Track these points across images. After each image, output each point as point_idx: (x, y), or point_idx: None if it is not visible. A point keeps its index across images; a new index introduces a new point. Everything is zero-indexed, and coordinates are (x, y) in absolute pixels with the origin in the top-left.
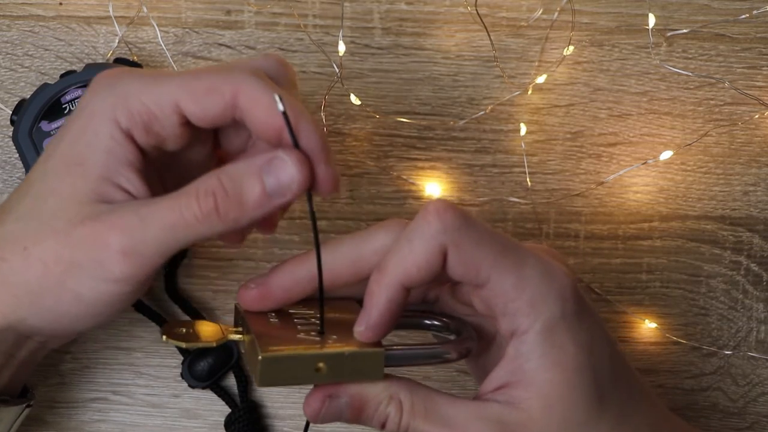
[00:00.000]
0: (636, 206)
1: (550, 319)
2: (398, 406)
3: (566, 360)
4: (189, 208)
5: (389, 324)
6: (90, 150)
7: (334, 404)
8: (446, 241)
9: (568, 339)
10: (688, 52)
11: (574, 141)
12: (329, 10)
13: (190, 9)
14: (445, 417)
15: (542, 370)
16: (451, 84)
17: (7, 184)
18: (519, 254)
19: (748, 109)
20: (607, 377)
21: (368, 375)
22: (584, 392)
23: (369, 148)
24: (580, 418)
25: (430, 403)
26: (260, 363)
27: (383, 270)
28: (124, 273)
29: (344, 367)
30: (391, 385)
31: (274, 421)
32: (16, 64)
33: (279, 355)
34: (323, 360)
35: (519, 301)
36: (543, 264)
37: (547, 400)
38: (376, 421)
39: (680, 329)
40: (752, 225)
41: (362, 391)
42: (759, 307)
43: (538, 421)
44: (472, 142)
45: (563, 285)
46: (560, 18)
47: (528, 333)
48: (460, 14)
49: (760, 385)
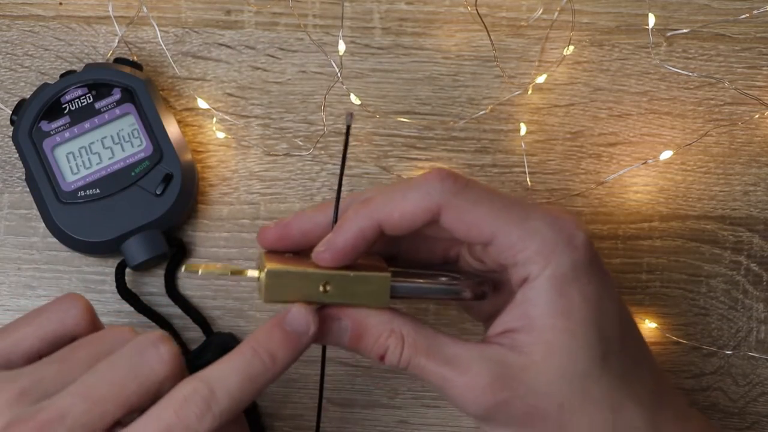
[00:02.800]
0: (636, 206)
1: (559, 266)
2: (400, 340)
3: (572, 310)
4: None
5: (350, 255)
6: None
7: (335, 326)
8: (441, 201)
9: (576, 290)
10: (688, 52)
11: (574, 141)
12: (329, 10)
13: (190, 9)
14: (448, 355)
15: (547, 317)
16: (451, 84)
17: (7, 184)
18: (523, 208)
19: (748, 109)
20: (613, 338)
21: (373, 301)
22: (587, 345)
23: (369, 148)
24: (580, 370)
25: (432, 340)
26: (266, 275)
27: (367, 203)
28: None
29: (349, 288)
30: (395, 318)
31: (274, 421)
32: (16, 64)
33: (284, 269)
34: (328, 279)
35: (527, 251)
36: (550, 215)
37: (550, 346)
38: (374, 351)
39: (680, 329)
40: (752, 225)
41: (364, 318)
42: (759, 307)
43: (539, 365)
44: (472, 142)
45: (573, 234)
46: (560, 18)
47: (537, 279)
48: (460, 14)
49: (760, 385)
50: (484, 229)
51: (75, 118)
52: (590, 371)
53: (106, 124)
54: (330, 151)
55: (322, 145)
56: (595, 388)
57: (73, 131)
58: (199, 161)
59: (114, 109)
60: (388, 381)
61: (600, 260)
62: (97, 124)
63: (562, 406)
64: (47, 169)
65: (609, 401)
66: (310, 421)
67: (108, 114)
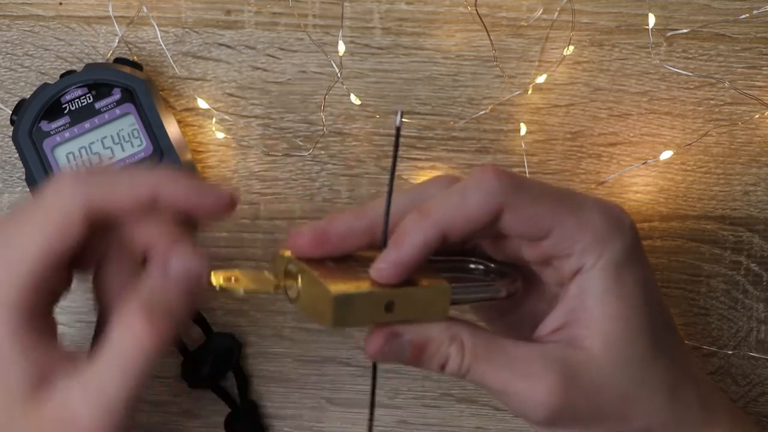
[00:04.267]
0: (636, 206)
1: (615, 252)
2: (460, 346)
3: (627, 295)
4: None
5: (414, 268)
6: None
7: (396, 343)
8: (503, 201)
9: (629, 275)
10: (688, 52)
11: (574, 141)
12: (329, 10)
13: (190, 9)
14: (507, 358)
15: (604, 305)
16: (451, 84)
17: (7, 184)
18: (576, 199)
19: (748, 109)
20: (659, 322)
21: (434, 314)
22: (641, 330)
23: (369, 148)
24: (638, 357)
25: (491, 344)
26: (333, 302)
27: (426, 212)
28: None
29: (413, 305)
30: (453, 325)
31: (274, 421)
32: (16, 64)
33: (351, 293)
34: (393, 298)
35: (583, 241)
36: (601, 204)
37: (607, 336)
38: (436, 361)
39: (680, 329)
40: (752, 225)
41: (425, 330)
42: (759, 307)
43: (599, 358)
44: (472, 142)
45: (624, 221)
46: (560, 18)
47: (594, 268)
48: (460, 14)
49: (760, 385)
50: (543, 224)
51: (75, 118)
52: (645, 356)
53: (106, 124)
54: (330, 151)
55: (322, 145)
56: (652, 372)
57: (73, 131)
58: (199, 161)
59: (114, 109)
60: (388, 381)
61: (642, 246)
62: (97, 124)
63: (624, 396)
64: (47, 170)
65: (665, 383)
66: (310, 421)
67: (108, 114)
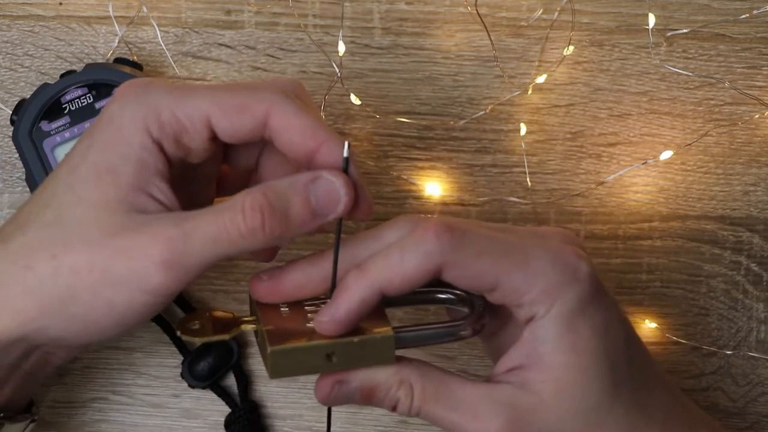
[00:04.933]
0: (636, 206)
1: (565, 303)
2: (409, 390)
3: (581, 344)
4: (234, 223)
5: (353, 323)
6: (122, 159)
7: (344, 389)
8: (442, 261)
9: (584, 323)
10: (688, 52)
11: (574, 141)
12: (329, 10)
13: (190, 9)
14: (456, 400)
15: (557, 354)
16: (451, 84)
17: (7, 184)
18: (523, 250)
19: (748, 109)
20: (621, 361)
21: (379, 360)
22: (598, 377)
23: (369, 148)
24: (592, 404)
25: (441, 386)
26: (270, 356)
27: (365, 270)
28: (162, 285)
29: (355, 354)
30: (402, 369)
31: (274, 421)
32: (16, 64)
33: (288, 347)
34: (333, 349)
35: (532, 293)
36: (551, 252)
37: (560, 383)
38: (386, 404)
39: (680, 329)
40: (752, 225)
41: (372, 376)
42: (759, 307)
43: (550, 404)
44: (472, 142)
45: (575, 269)
46: (560, 18)
47: (545, 318)
48: (460, 14)
49: (761, 385)
50: (487, 279)
51: (75, 118)
52: (602, 403)
53: None
54: None
55: None
56: (609, 417)
57: (73, 131)
58: None
59: None
60: None
61: (603, 287)
62: None
63: None
64: (47, 170)
65: (622, 427)
66: (310, 421)
67: None
